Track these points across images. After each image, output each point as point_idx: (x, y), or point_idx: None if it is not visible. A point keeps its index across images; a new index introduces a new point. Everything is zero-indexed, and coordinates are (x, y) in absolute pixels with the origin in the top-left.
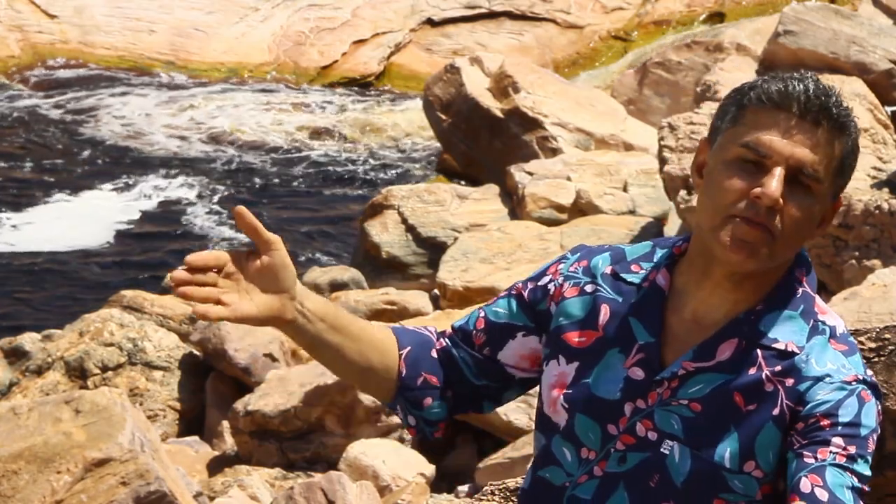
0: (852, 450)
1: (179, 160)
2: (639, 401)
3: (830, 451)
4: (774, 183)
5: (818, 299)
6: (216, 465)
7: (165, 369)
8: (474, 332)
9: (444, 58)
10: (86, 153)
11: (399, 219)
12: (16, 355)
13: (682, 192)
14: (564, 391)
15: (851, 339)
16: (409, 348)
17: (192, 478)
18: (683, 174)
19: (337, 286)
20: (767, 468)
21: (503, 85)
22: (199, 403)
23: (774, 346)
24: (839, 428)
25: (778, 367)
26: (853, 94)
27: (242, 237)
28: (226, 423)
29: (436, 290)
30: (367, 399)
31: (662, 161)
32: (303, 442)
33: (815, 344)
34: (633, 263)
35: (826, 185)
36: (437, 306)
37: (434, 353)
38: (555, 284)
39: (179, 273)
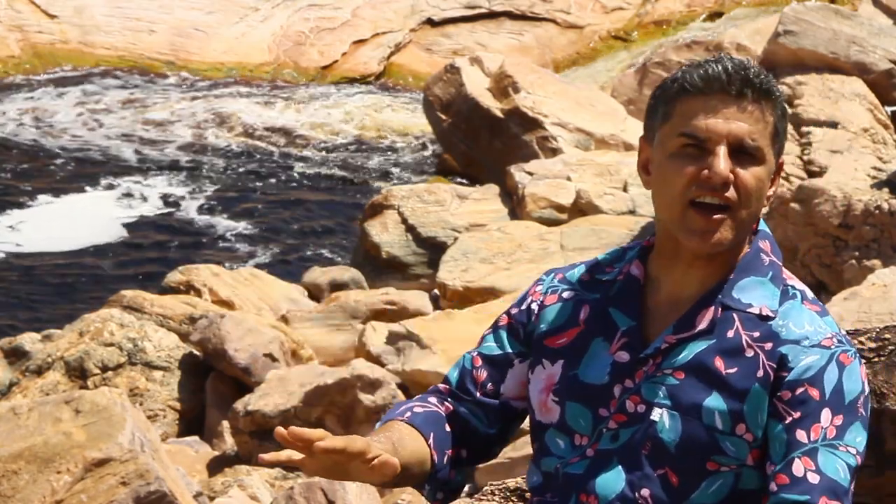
0: (840, 420)
1: (180, 160)
2: (626, 381)
3: (821, 427)
4: (721, 161)
5: (784, 269)
6: (216, 465)
7: (165, 369)
8: (473, 370)
9: (444, 58)
10: (86, 153)
11: (399, 219)
12: (16, 355)
13: None
14: (553, 387)
15: (820, 302)
16: (432, 434)
17: (192, 478)
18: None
19: (337, 286)
20: (758, 432)
21: (503, 85)
22: (199, 403)
23: (749, 310)
24: (826, 398)
25: (756, 333)
26: (853, 94)
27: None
28: (226, 423)
29: (436, 290)
30: (366, 399)
31: None
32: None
33: (789, 308)
34: (606, 266)
35: (768, 150)
36: (437, 306)
37: (447, 427)
38: (537, 303)
39: (295, 434)
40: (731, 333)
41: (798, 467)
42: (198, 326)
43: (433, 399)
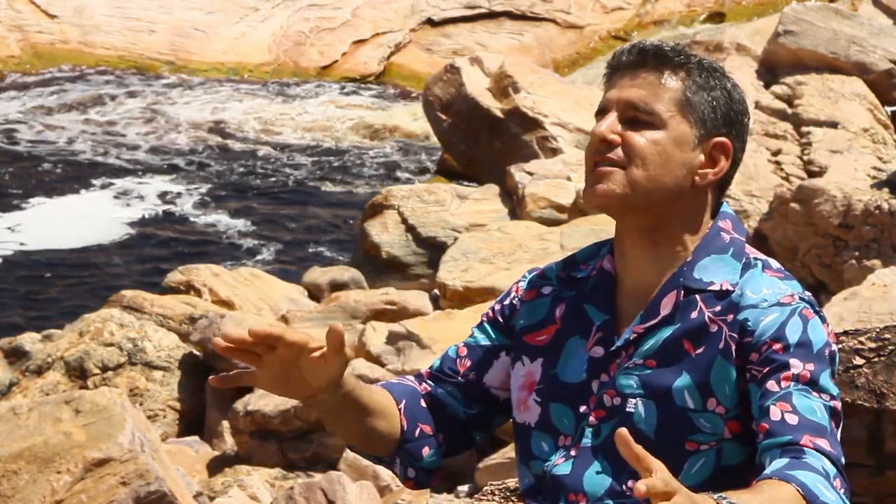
0: (811, 367)
1: (180, 160)
2: (602, 375)
3: (793, 374)
4: (602, 123)
5: (748, 245)
6: (216, 465)
7: (165, 369)
8: (458, 359)
9: (444, 58)
10: (86, 153)
11: (399, 219)
12: (16, 355)
13: None
14: (535, 387)
15: (787, 273)
16: (404, 401)
17: (192, 478)
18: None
19: (337, 286)
20: (728, 403)
21: (503, 85)
22: (199, 403)
23: (710, 288)
24: (791, 349)
25: (717, 308)
26: (853, 94)
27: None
28: (226, 423)
29: (436, 290)
30: None
31: None
32: (303, 442)
33: (748, 277)
34: (581, 263)
35: (669, 115)
36: (437, 306)
37: (423, 402)
38: (518, 298)
39: (229, 337)
40: (694, 314)
41: (774, 412)
42: (198, 326)
43: (410, 377)
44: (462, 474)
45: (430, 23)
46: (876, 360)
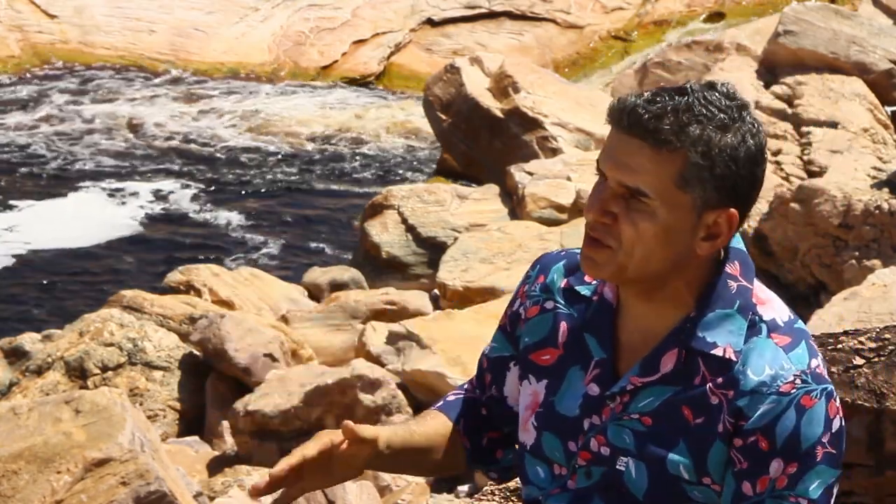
0: (792, 470)
1: (179, 160)
2: (594, 416)
3: (769, 479)
4: (594, 198)
5: (758, 288)
6: (216, 465)
7: (165, 369)
8: (483, 373)
9: (444, 58)
10: (85, 153)
11: (399, 219)
12: (16, 355)
13: None
14: (536, 410)
15: (798, 324)
16: (462, 420)
17: (192, 478)
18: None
19: (337, 286)
20: (721, 482)
21: (503, 85)
22: (199, 403)
23: (713, 352)
24: (777, 448)
25: (720, 380)
26: (853, 94)
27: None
28: (226, 423)
29: (436, 290)
30: (366, 399)
31: None
32: (303, 442)
33: (752, 347)
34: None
35: (667, 196)
36: (437, 306)
37: (483, 410)
38: (524, 307)
39: (259, 489)
40: (697, 380)
41: None
42: (198, 326)
43: (466, 387)
44: (462, 474)
45: (430, 23)
46: (876, 360)
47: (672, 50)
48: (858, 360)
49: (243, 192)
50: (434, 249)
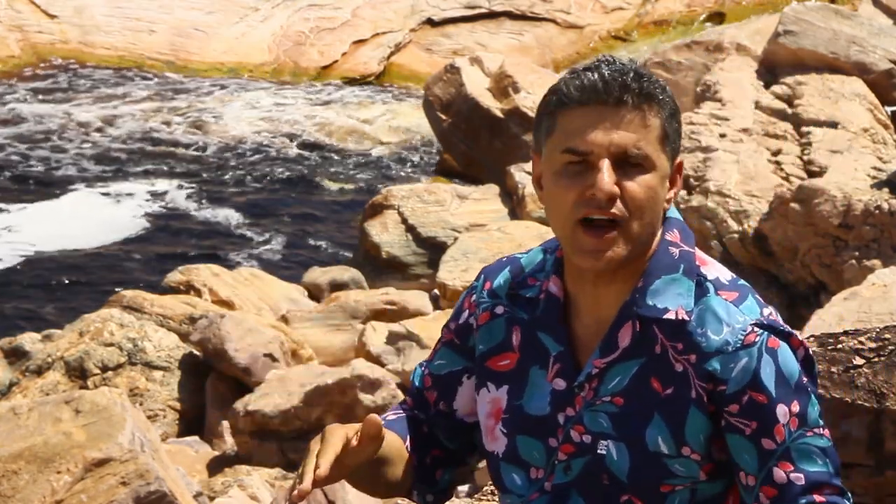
0: (797, 408)
1: (180, 160)
2: (568, 409)
3: (783, 425)
4: (605, 176)
5: (698, 252)
6: (216, 465)
7: (165, 369)
8: (424, 391)
9: (444, 58)
10: (85, 153)
11: (399, 219)
12: (16, 355)
13: (682, 192)
14: (502, 417)
15: (741, 282)
16: (409, 436)
17: (192, 478)
18: (683, 174)
19: (337, 286)
20: (702, 451)
21: (503, 85)
22: (199, 403)
23: (666, 316)
24: (773, 395)
25: (679, 345)
26: (853, 94)
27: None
28: (226, 423)
29: (436, 290)
30: (366, 399)
31: None
32: (303, 442)
33: (704, 309)
34: (529, 276)
35: (657, 155)
36: (437, 306)
37: (425, 427)
38: (475, 316)
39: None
40: (657, 349)
41: (779, 475)
42: (198, 326)
43: (405, 407)
44: (462, 474)
45: (430, 23)
46: (876, 360)
47: (672, 50)
48: (858, 360)
49: (243, 192)
50: (434, 249)
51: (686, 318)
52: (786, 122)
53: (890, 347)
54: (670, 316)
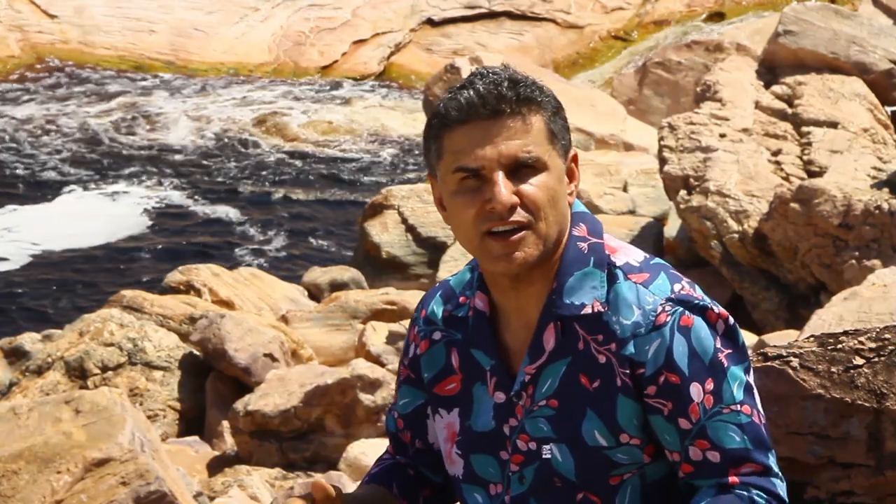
0: (710, 386)
1: (179, 160)
2: (511, 420)
3: (697, 404)
4: (501, 188)
5: (608, 239)
6: (216, 465)
7: (165, 369)
8: (399, 433)
9: (444, 58)
10: (85, 153)
11: (399, 219)
12: (16, 355)
13: (682, 192)
14: (456, 439)
15: (654, 261)
16: (394, 484)
17: (192, 478)
18: (683, 174)
19: (337, 286)
20: (640, 434)
21: None
22: (199, 403)
23: (583, 312)
24: (686, 374)
25: (599, 336)
26: (853, 94)
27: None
28: (226, 423)
29: None
30: (367, 399)
31: (662, 161)
32: (303, 442)
33: (616, 296)
34: (460, 296)
35: (548, 155)
36: None
37: (411, 471)
38: (417, 347)
39: None
40: (581, 345)
41: (695, 452)
42: (198, 326)
43: (387, 456)
44: None
45: (430, 23)
46: (876, 360)
47: (672, 50)
48: (858, 360)
49: (243, 192)
50: (434, 249)
51: (602, 309)
52: (786, 122)
53: (890, 347)
54: (587, 311)
